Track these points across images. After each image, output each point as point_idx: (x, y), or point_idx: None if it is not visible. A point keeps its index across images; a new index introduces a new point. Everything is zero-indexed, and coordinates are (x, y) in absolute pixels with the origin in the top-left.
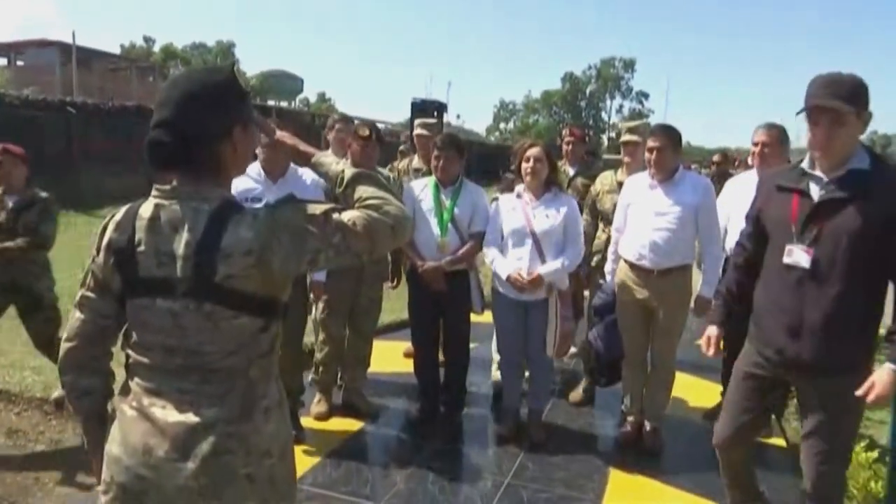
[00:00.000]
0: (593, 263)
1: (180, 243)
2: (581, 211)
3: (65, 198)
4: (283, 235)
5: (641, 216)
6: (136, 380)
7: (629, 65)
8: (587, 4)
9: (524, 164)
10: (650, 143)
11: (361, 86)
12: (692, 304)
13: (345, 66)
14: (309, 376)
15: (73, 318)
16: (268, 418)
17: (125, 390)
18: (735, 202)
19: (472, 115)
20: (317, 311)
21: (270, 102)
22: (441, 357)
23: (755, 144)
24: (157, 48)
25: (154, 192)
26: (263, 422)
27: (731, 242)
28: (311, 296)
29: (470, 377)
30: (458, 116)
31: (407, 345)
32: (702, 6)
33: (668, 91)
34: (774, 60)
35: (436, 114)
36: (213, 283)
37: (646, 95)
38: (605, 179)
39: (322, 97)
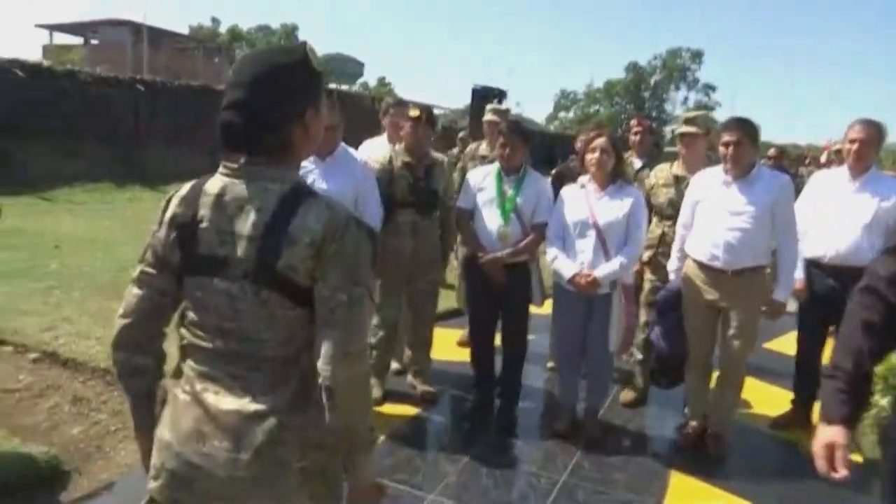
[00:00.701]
0: (645, 259)
1: (246, 223)
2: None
3: (132, 173)
4: (339, 252)
5: (714, 215)
6: (190, 362)
7: (696, 56)
8: None
9: (589, 155)
10: (725, 136)
11: (421, 71)
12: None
13: (405, 51)
14: None
15: (129, 294)
16: (321, 410)
17: (178, 373)
18: (822, 202)
19: (532, 103)
20: None
21: (332, 85)
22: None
23: (851, 142)
24: (223, 29)
25: (222, 170)
26: (318, 414)
27: (814, 245)
28: None
29: (526, 369)
30: (518, 104)
31: (461, 333)
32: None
33: (736, 84)
34: (845, 56)
35: (497, 101)
36: (274, 269)
37: (713, 88)
38: (660, 172)
39: (382, 81)
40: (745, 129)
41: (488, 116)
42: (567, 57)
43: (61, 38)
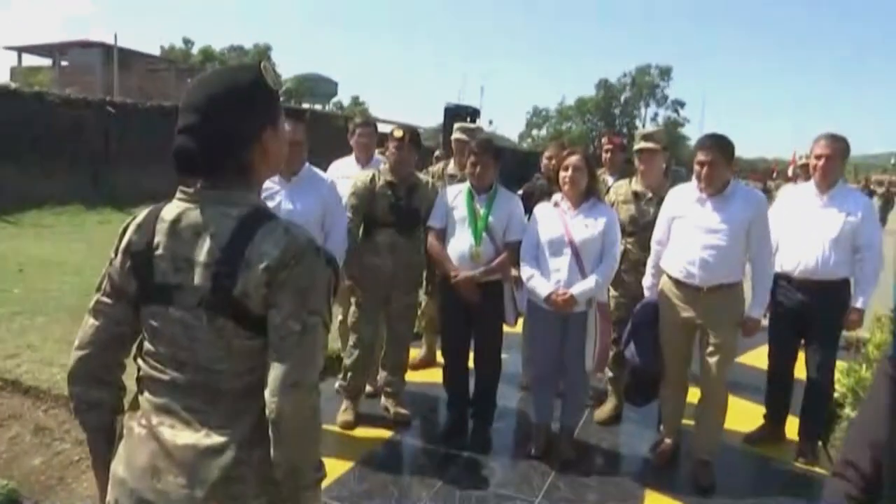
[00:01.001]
0: None
1: (202, 249)
2: None
3: (102, 195)
4: (293, 279)
5: (689, 232)
6: (147, 394)
7: (665, 72)
8: (623, 12)
9: (562, 173)
10: (700, 156)
11: (395, 90)
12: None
13: (379, 71)
14: (336, 383)
15: (85, 325)
16: None
17: (134, 405)
18: (790, 217)
19: (505, 121)
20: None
21: (305, 105)
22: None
23: (817, 157)
24: (195, 50)
25: (178, 195)
26: None
27: (783, 260)
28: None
29: (500, 389)
30: (491, 122)
31: (416, 353)
32: (740, 15)
33: (704, 100)
34: (813, 70)
35: (469, 119)
36: (230, 296)
37: (682, 104)
38: (619, 189)
39: (356, 100)
40: (720, 148)
41: (456, 135)
42: (539, 75)
43: (31, 60)
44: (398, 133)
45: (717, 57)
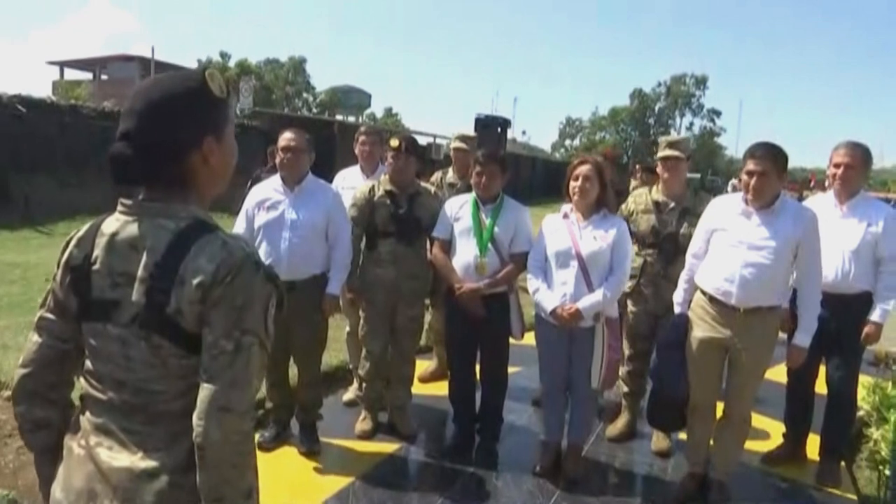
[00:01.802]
0: (627, 289)
1: (138, 264)
2: None
3: None
4: (227, 296)
5: (731, 246)
6: (88, 414)
7: (701, 81)
8: (657, 21)
9: (572, 183)
10: (750, 165)
11: (428, 101)
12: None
13: (412, 82)
14: (344, 395)
15: (29, 342)
16: None
17: (76, 425)
18: None
19: (538, 131)
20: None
21: (339, 117)
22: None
23: (836, 166)
24: (232, 63)
25: (119, 207)
26: None
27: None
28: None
29: (508, 404)
30: (524, 132)
31: (426, 365)
32: (778, 22)
33: (741, 109)
34: (853, 79)
35: (500, 129)
36: (164, 313)
37: (718, 113)
38: (639, 198)
39: (389, 112)
40: (772, 157)
41: (455, 144)
42: (572, 85)
43: (73, 75)
44: (394, 142)
45: (755, 65)
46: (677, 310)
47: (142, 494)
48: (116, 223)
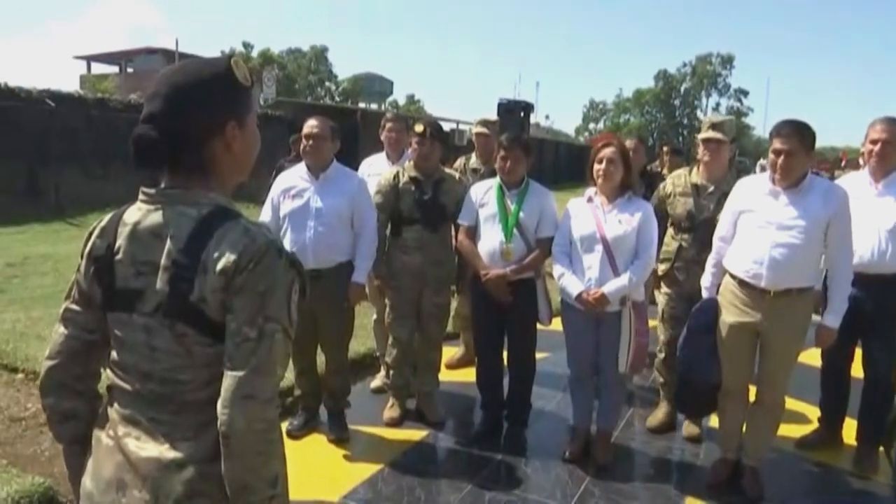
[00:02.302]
0: (660, 272)
1: (161, 252)
2: None
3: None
4: (250, 283)
5: (759, 227)
6: (115, 405)
7: (727, 61)
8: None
9: (596, 166)
10: (776, 143)
11: (450, 88)
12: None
13: (434, 68)
14: (372, 382)
15: (55, 334)
16: None
17: (104, 416)
18: None
19: (562, 115)
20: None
21: (361, 105)
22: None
23: (872, 142)
24: (255, 53)
25: (140, 196)
26: None
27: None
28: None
29: (537, 390)
30: (548, 117)
31: (454, 352)
32: None
33: (768, 88)
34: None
35: (522, 114)
36: (188, 301)
37: (745, 93)
38: (677, 180)
39: (411, 99)
40: (799, 135)
41: (477, 129)
42: (596, 68)
43: (100, 69)
44: (418, 128)
45: (783, 42)
46: (705, 294)
47: (170, 484)
48: (139, 212)
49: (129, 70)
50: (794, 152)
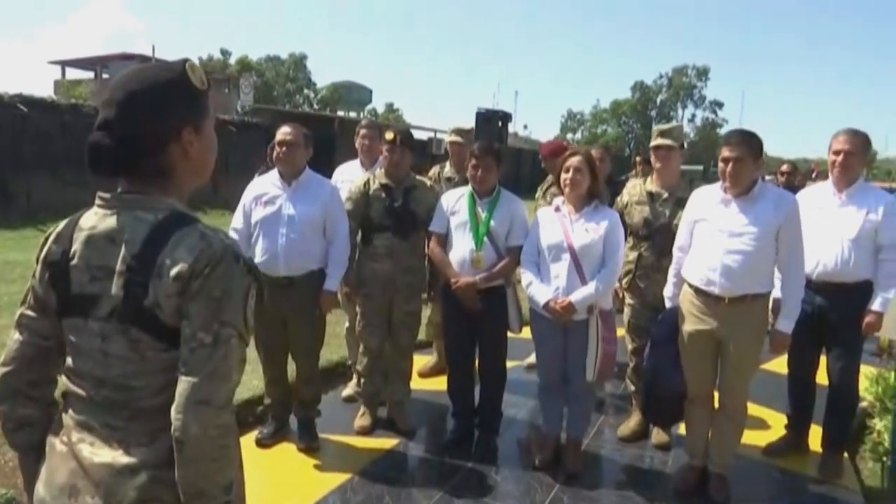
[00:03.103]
0: (623, 283)
1: (117, 257)
2: None
3: None
4: (206, 288)
5: (711, 236)
6: (70, 411)
7: (703, 73)
8: (659, 13)
9: (563, 175)
10: (725, 151)
11: (429, 96)
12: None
13: (413, 77)
14: (344, 391)
15: (10, 340)
16: None
17: (59, 422)
18: (807, 217)
19: (540, 125)
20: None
21: (340, 113)
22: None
23: (836, 153)
24: (232, 60)
25: (97, 201)
26: None
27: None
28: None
29: (508, 398)
30: (526, 126)
31: (426, 360)
32: (781, 11)
33: (743, 100)
34: (857, 68)
35: (501, 123)
36: (143, 306)
37: (720, 105)
38: (633, 190)
39: (390, 107)
40: (747, 143)
41: (451, 137)
42: (574, 78)
43: (75, 74)
44: (389, 135)
45: (757, 55)
46: (668, 304)
47: (123, 490)
48: (95, 217)
49: (105, 76)
50: (742, 158)
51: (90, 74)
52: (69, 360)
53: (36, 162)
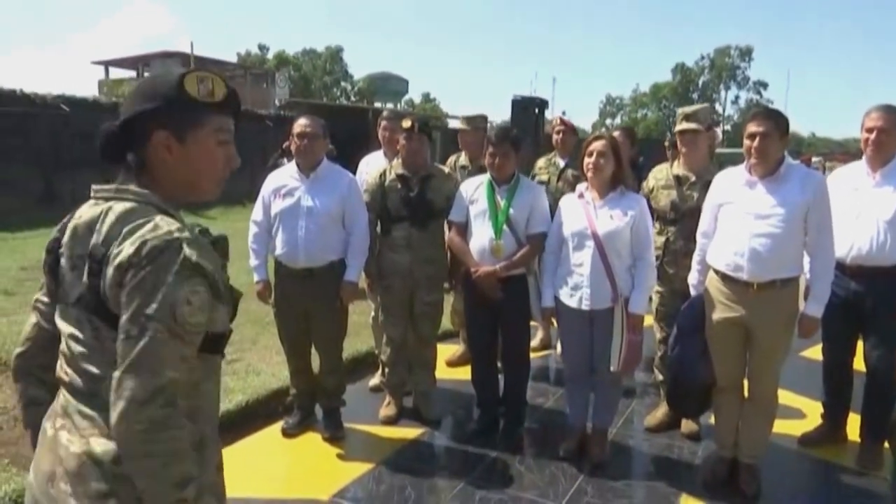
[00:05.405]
0: None
1: (88, 246)
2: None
3: None
4: (140, 280)
5: (737, 219)
6: (60, 397)
7: (746, 53)
8: None
9: (586, 160)
10: (751, 127)
11: (466, 85)
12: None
13: (449, 67)
14: (371, 381)
15: (27, 323)
16: None
17: (53, 407)
18: (841, 198)
19: (579, 111)
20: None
21: (377, 104)
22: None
23: (868, 131)
24: (270, 55)
25: (91, 192)
26: None
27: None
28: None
29: (535, 387)
30: (564, 113)
31: (454, 349)
32: None
33: (789, 79)
34: None
35: (537, 111)
36: (99, 294)
37: (764, 85)
38: (659, 174)
39: (427, 97)
40: (774, 119)
41: (460, 126)
42: (613, 63)
43: (118, 73)
44: (406, 123)
45: (802, 33)
46: (693, 292)
47: (87, 481)
48: (86, 207)
49: (147, 74)
50: (768, 133)
51: (132, 73)
52: (61, 345)
53: (79, 160)
